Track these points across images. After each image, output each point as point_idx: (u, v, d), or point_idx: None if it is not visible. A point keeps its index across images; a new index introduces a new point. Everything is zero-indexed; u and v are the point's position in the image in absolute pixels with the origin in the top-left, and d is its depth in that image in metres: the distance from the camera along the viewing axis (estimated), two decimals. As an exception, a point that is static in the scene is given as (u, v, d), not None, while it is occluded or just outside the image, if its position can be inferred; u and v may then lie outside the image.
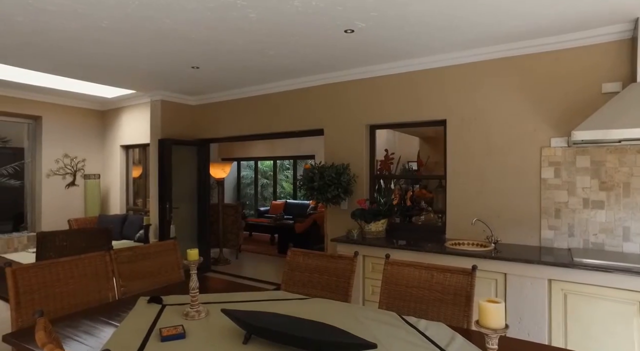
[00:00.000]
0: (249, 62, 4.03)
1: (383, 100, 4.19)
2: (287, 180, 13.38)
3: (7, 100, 6.09)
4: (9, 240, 6.17)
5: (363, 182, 4.33)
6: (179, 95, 5.59)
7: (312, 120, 4.76)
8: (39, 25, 3.10)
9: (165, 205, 5.14)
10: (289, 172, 13.90)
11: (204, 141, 5.81)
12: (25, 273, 2.16)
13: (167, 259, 2.89)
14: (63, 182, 6.82)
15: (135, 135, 6.76)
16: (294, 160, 11.35)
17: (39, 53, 3.79)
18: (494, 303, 1.08)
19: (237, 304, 2.16)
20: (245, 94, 5.30)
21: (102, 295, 2.45)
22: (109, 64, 4.14)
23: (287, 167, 13.45)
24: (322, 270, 2.55)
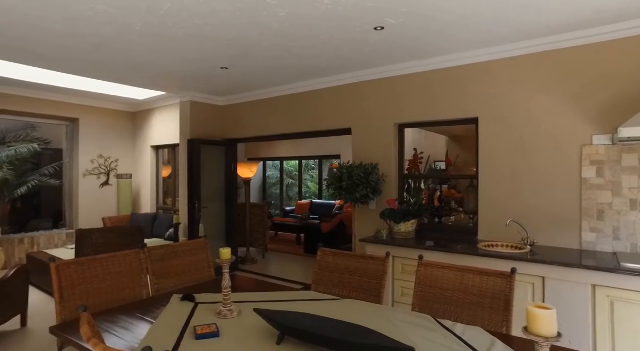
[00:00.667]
0: (277, 62, 4.05)
1: (413, 98, 4.12)
2: (312, 180, 13.40)
3: (48, 103, 6.36)
4: (50, 237, 6.44)
5: (392, 181, 4.26)
6: (207, 96, 5.69)
7: (340, 119, 4.72)
8: (76, 31, 3.21)
9: (195, 205, 5.23)
10: (314, 172, 13.91)
11: (232, 141, 5.88)
12: (67, 269, 2.23)
13: (198, 258, 2.93)
14: (98, 181, 7.07)
15: (164, 136, 6.92)
16: (319, 160, 11.35)
17: (75, 57, 3.94)
18: (544, 309, 1.01)
19: (268, 304, 2.16)
20: (272, 94, 5.32)
21: (136, 292, 2.50)
22: (141, 67, 4.25)
23: (312, 167, 13.47)
24: (353, 270, 2.52)
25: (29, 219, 8.23)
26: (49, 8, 2.78)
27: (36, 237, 6.30)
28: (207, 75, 4.58)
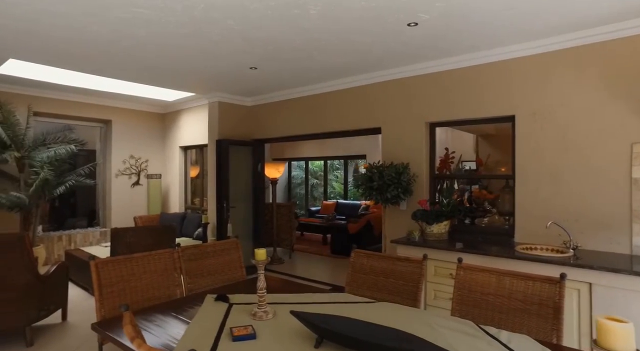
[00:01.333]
0: (306, 61, 4.02)
1: (445, 96, 4.00)
2: (337, 180, 13.34)
3: (83, 106, 6.58)
4: (85, 235, 6.66)
5: (423, 181, 4.16)
6: (235, 97, 5.73)
7: (369, 118, 4.65)
8: (112, 34, 3.28)
9: (223, 204, 5.28)
10: (339, 172, 13.85)
11: (259, 141, 5.91)
12: (105, 267, 2.27)
13: (230, 257, 2.93)
14: (129, 181, 7.26)
15: (193, 136, 7.03)
16: (344, 160, 11.28)
17: (111, 60, 4.03)
18: (619, 322, 0.93)
19: (302, 306, 2.12)
20: (301, 94, 5.31)
21: (170, 291, 2.52)
22: (173, 68, 4.31)
23: (337, 167, 13.42)
24: (388, 272, 2.45)
25: (66, 217, 8.56)
26: (90, 12, 2.85)
27: (73, 235, 6.53)
28: (236, 76, 4.60)
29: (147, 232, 3.62)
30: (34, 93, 5.97)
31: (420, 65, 4.07)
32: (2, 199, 4.92)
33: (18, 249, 3.19)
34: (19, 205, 5.06)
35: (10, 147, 5.06)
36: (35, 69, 4.99)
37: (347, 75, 4.61)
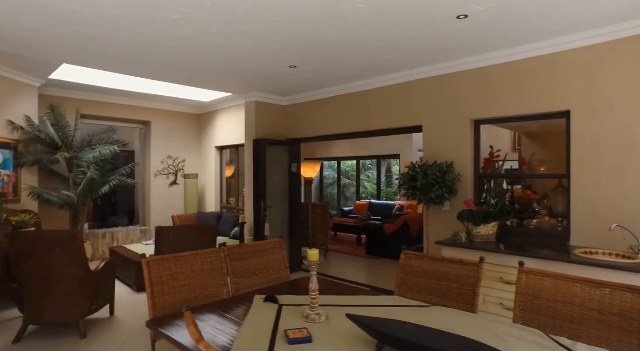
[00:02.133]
0: (347, 58, 3.95)
1: (491, 92, 3.82)
2: (369, 181, 13.19)
3: (125, 108, 6.80)
4: (127, 233, 6.87)
5: (467, 181, 3.99)
6: (271, 96, 5.73)
7: (410, 116, 4.53)
8: (159, 36, 3.33)
9: (260, 204, 5.29)
10: (371, 172, 13.69)
11: (295, 141, 5.88)
12: (156, 265, 2.28)
13: (274, 257, 2.90)
14: (167, 181, 7.43)
15: (228, 137, 7.12)
16: (377, 160, 11.13)
17: (156, 63, 4.11)
18: None
19: (354, 308, 2.05)
20: (338, 92, 5.24)
21: (218, 290, 2.51)
22: (214, 69, 4.35)
23: (369, 167, 13.26)
24: (440, 275, 2.34)
25: (108, 216, 8.88)
26: (142, 13, 2.90)
27: (115, 233, 6.75)
28: (275, 75, 4.59)
29: (190, 231, 3.66)
30: (81, 96, 6.23)
31: (466, 60, 3.91)
32: (54, 197, 5.13)
33: (72, 245, 3.29)
34: (69, 203, 5.27)
35: (61, 148, 5.28)
36: (82, 73, 5.20)
37: (388, 73, 4.50)
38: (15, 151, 4.97)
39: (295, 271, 5.69)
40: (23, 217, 4.12)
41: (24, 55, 3.94)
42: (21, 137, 5.07)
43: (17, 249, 3.32)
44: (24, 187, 5.07)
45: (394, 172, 13.42)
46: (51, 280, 3.31)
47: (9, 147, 4.88)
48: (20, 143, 5.05)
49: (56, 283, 3.32)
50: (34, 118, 5.29)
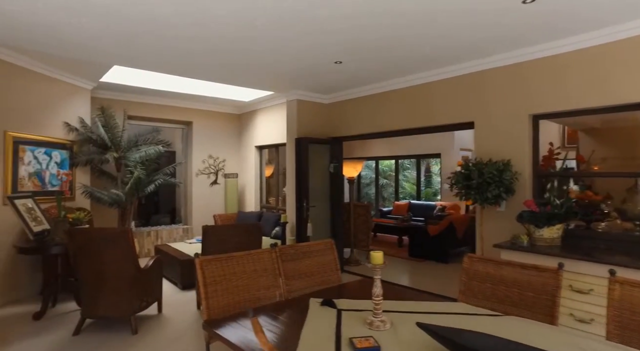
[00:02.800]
0: (395, 52, 3.79)
1: (555, 83, 3.54)
2: (407, 180, 12.89)
3: (168, 109, 6.96)
4: (170, 231, 7.02)
5: (525, 180, 3.73)
6: (313, 94, 5.65)
7: (460, 112, 4.30)
8: (202, 33, 3.32)
9: (302, 204, 5.22)
10: (409, 172, 13.37)
11: (337, 139, 5.77)
12: (209, 265, 2.24)
13: (326, 259, 2.80)
14: (208, 180, 7.54)
15: (268, 136, 7.12)
16: (416, 159, 10.82)
17: (201, 61, 4.13)
18: None
19: (419, 315, 1.91)
20: (382, 89, 5.08)
21: (270, 292, 2.44)
22: (257, 66, 4.32)
23: (407, 166, 12.96)
24: (511, 282, 2.15)
25: (151, 214, 9.15)
26: (189, 12, 2.89)
27: (159, 231, 6.92)
28: (318, 71, 4.49)
29: (235, 230, 3.64)
30: (128, 98, 6.42)
31: (528, 49, 3.64)
32: (104, 196, 5.30)
33: (124, 243, 3.35)
34: (117, 201, 5.43)
35: (110, 148, 5.45)
36: (130, 75, 5.35)
37: (439, 66, 4.29)
38: (70, 151, 5.17)
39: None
40: (78, 214, 4.26)
41: (79, 58, 4.06)
42: (75, 137, 5.27)
43: (74, 245, 3.41)
44: (78, 186, 5.27)
45: (433, 172, 13.05)
46: (104, 276, 3.38)
47: (65, 148, 5.09)
48: (75, 144, 5.25)
49: (109, 279, 3.39)
50: (86, 120, 5.49)
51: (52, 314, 3.99)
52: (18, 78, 4.41)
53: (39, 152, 4.69)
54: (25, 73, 4.49)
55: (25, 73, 4.49)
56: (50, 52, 3.88)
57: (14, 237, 4.31)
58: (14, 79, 4.36)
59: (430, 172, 12.84)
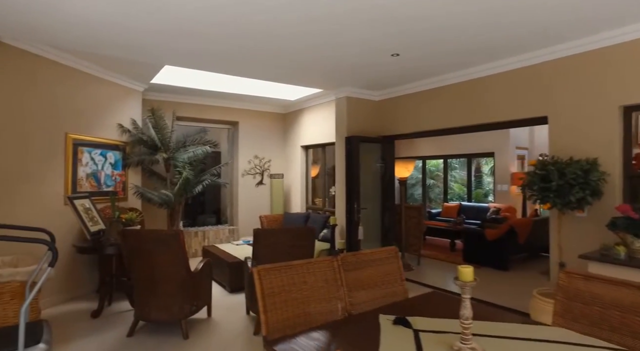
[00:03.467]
0: (460, 40, 3.46)
1: (652, 69, 3.06)
2: (455, 181, 12.29)
3: (215, 109, 6.97)
4: (216, 232, 7.03)
5: (615, 182, 3.26)
6: (363, 91, 5.39)
7: (528, 106, 3.88)
8: (261, 25, 3.16)
9: (353, 205, 4.97)
10: (457, 172, 12.75)
11: (389, 138, 5.47)
12: (267, 274, 2.05)
13: (389, 268, 2.54)
14: (253, 181, 7.48)
15: (314, 135, 6.94)
16: (467, 159, 10.24)
17: (252, 58, 4.01)
18: None
19: (512, 342, 1.61)
20: (437, 83, 4.74)
21: (331, 305, 2.21)
22: (308, 63, 4.14)
23: (454, 166, 12.36)
24: (626, 306, 1.78)
25: (197, 214, 9.28)
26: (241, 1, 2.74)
27: (206, 231, 6.94)
28: (372, 66, 4.23)
29: (287, 234, 3.47)
30: (176, 99, 6.48)
31: (614, 31, 3.18)
32: (154, 196, 5.34)
33: (175, 245, 3.26)
34: (167, 202, 5.46)
35: (160, 149, 5.49)
36: (178, 76, 5.38)
37: (504, 57, 3.91)
38: (123, 152, 5.25)
39: (389, 278, 5.28)
40: (130, 215, 4.28)
41: (132, 58, 4.07)
42: (128, 139, 5.35)
43: (127, 246, 3.38)
44: (130, 186, 5.35)
45: (483, 172, 12.34)
46: (156, 279, 3.32)
47: (119, 149, 5.18)
48: (127, 145, 5.33)
49: (160, 282, 3.32)
50: (138, 121, 5.57)
51: (108, 313, 4.03)
52: (77, 81, 4.51)
53: (95, 153, 4.78)
54: (83, 76, 4.59)
55: (83, 76, 4.59)
56: (107, 53, 3.90)
57: (74, 236, 4.40)
58: (73, 82, 4.46)
59: (480, 172, 12.15)
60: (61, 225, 4.23)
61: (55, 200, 4.22)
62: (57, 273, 4.04)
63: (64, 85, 4.34)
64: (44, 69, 4.09)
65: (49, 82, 4.14)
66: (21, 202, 3.85)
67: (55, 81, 4.23)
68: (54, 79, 4.21)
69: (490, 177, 12.26)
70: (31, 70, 3.96)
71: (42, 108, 4.08)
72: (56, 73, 4.23)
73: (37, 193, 4.01)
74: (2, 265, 3.56)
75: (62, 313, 4.00)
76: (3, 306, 3.25)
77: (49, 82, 4.14)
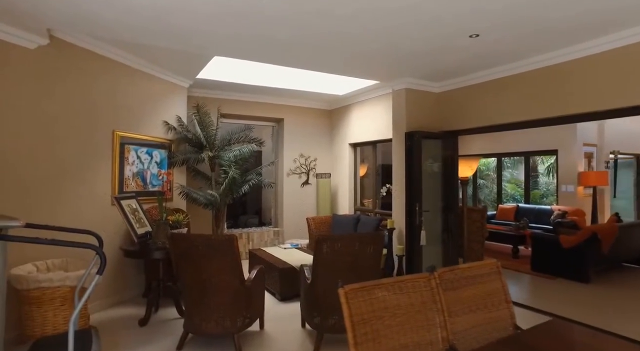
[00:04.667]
0: (551, 16, 2.92)
1: None
2: (508, 181, 11.48)
3: (260, 105, 6.69)
4: (261, 234, 6.75)
5: None
6: (423, 82, 4.90)
7: (632, 93, 3.27)
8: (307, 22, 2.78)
9: (414, 207, 4.50)
10: (509, 171, 11.92)
11: (451, 133, 4.95)
12: (355, 297, 1.66)
13: (490, 287, 2.08)
14: (299, 180, 7.15)
15: (364, 132, 6.51)
16: (524, 157, 9.46)
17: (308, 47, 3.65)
18: None
19: None
20: (510, 71, 4.19)
21: (431, 335, 1.79)
22: (368, 50, 3.72)
23: (507, 165, 11.54)
24: None
25: (238, 215, 9.08)
26: None
27: (251, 233, 6.67)
28: (444, 49, 3.69)
29: (353, 241, 3.06)
30: (221, 96, 6.26)
31: None
32: (200, 197, 5.11)
33: (229, 252, 2.95)
34: (212, 202, 5.21)
35: (205, 147, 5.25)
36: (224, 71, 5.15)
37: (600, 34, 3.31)
38: (169, 150, 5.05)
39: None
40: (177, 216, 4.04)
41: (181, 48, 3.81)
42: (173, 136, 5.15)
43: (176, 252, 3.10)
44: (176, 186, 5.14)
45: (539, 171, 11.45)
46: (207, 288, 3.01)
47: (164, 147, 4.98)
48: (172, 143, 5.13)
49: (212, 292, 3.01)
50: (183, 119, 5.37)
51: (156, 320, 3.81)
52: (124, 76, 4.33)
53: (141, 151, 4.59)
54: (130, 71, 4.40)
55: (130, 71, 4.40)
56: (155, 44, 3.66)
57: (121, 237, 4.22)
58: (120, 77, 4.27)
59: (536, 172, 11.27)
60: (108, 226, 4.05)
61: (102, 200, 4.04)
62: (105, 276, 3.82)
63: (112, 80, 4.16)
64: (92, 63, 3.91)
65: (96, 77, 3.96)
66: (67, 202, 3.69)
67: (103, 76, 4.05)
68: (102, 74, 4.04)
69: (545, 176, 11.35)
70: (80, 65, 3.79)
71: (89, 104, 3.91)
72: (104, 68, 4.05)
73: (84, 192, 3.84)
74: (53, 268, 3.40)
75: (110, 319, 3.81)
76: (54, 312, 3.08)
77: (96, 77, 3.96)
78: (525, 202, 9.36)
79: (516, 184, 11.30)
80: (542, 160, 11.25)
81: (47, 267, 3.34)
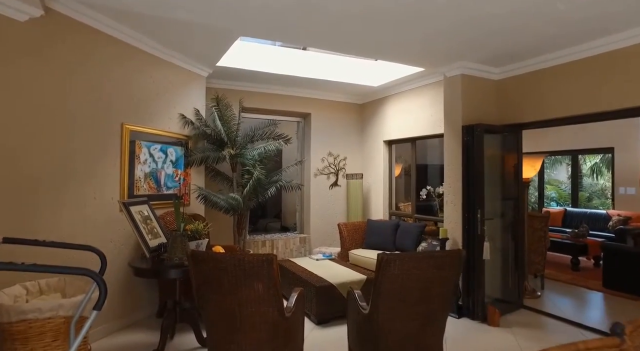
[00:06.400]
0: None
1: None
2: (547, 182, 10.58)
3: (284, 98, 6.03)
4: (286, 241, 6.07)
5: None
6: (480, 67, 4.15)
7: None
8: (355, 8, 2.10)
9: (475, 215, 3.76)
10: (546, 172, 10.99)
11: (514, 127, 4.19)
12: None
13: None
14: (327, 182, 6.46)
15: (401, 128, 5.79)
16: (572, 156, 8.61)
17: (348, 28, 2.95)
18: None
19: None
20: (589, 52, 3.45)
21: None
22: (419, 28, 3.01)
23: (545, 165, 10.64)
24: None
25: (258, 218, 8.41)
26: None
27: (275, 241, 6.01)
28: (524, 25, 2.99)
29: (429, 262, 2.35)
30: (241, 87, 5.62)
31: None
32: (220, 200, 4.46)
33: (266, 276, 2.28)
34: (235, 207, 4.55)
35: (227, 144, 4.60)
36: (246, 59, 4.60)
37: None
38: (185, 148, 4.41)
39: (515, 309, 4.03)
40: (197, 225, 3.38)
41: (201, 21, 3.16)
42: (190, 132, 4.51)
43: (198, 273, 2.44)
44: (193, 188, 4.50)
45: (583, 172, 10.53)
46: (237, 322, 2.34)
47: (181, 144, 4.34)
48: (190, 140, 4.49)
49: (244, 327, 2.34)
50: (201, 112, 4.73)
51: (172, 350, 3.17)
52: (136, 62, 3.71)
53: (154, 148, 3.96)
54: (143, 56, 3.78)
55: (143, 56, 3.78)
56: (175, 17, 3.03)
57: (130, 249, 3.60)
58: (131, 62, 3.65)
59: (581, 172, 10.36)
60: (116, 236, 3.44)
61: (108, 205, 3.41)
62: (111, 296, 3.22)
63: (121, 65, 3.54)
64: (99, 45, 3.30)
65: (101, 59, 3.34)
66: (67, 207, 3.06)
67: (111, 60, 3.43)
68: (110, 58, 3.42)
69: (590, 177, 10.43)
70: (84, 46, 3.17)
71: (94, 92, 3.29)
72: (113, 51, 3.44)
73: (86, 196, 3.22)
74: (47, 290, 2.77)
75: (117, 348, 3.19)
76: (44, 350, 2.45)
77: (100, 60, 3.34)
78: (572, 205, 8.50)
79: (557, 185, 10.38)
80: (585, 160, 10.35)
81: (39, 289, 2.72)
